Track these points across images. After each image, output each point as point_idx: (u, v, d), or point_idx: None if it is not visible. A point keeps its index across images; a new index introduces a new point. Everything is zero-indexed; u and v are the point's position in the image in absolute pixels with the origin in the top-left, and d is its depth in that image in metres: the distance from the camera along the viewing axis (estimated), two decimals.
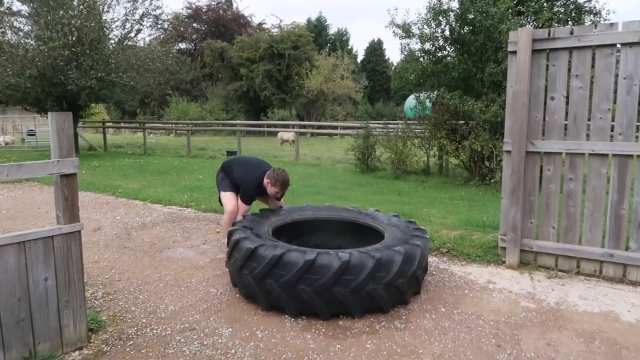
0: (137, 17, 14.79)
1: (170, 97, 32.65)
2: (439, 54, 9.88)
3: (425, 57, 9.98)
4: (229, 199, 4.73)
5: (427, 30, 9.64)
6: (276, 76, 33.33)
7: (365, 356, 2.82)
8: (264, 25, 41.59)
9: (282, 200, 4.81)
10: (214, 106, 35.40)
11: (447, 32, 9.54)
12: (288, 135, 20.63)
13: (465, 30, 8.90)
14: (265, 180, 4.47)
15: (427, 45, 9.84)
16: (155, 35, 18.68)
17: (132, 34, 15.16)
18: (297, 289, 3.21)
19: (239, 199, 4.66)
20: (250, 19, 42.47)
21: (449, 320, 3.29)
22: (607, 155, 3.98)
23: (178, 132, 28.38)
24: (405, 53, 10.35)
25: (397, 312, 3.39)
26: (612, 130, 3.99)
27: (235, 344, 2.98)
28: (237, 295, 3.72)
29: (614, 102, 3.96)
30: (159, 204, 7.31)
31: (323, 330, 3.16)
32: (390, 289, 3.30)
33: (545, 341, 2.98)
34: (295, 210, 4.64)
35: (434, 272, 4.23)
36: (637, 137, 3.90)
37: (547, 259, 4.28)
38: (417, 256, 3.46)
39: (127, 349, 2.94)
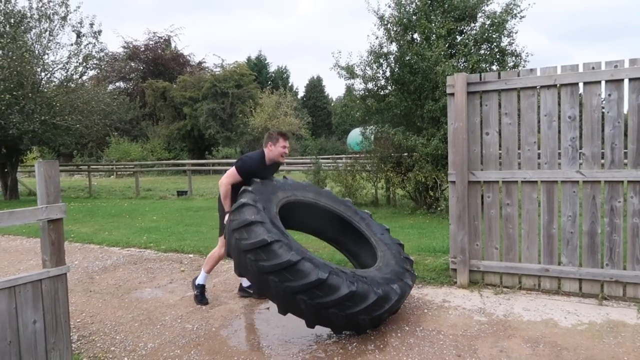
0: (80, 59, 14.69)
1: (109, 138, 31.96)
2: (381, 93, 10.57)
3: (369, 96, 10.63)
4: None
5: (369, 72, 10.34)
6: (220, 115, 33.53)
7: None
8: (204, 64, 41.86)
9: None
10: (155, 146, 34.94)
11: (387, 73, 10.26)
12: None
13: (404, 72, 9.63)
14: (267, 147, 4.28)
15: (370, 85, 10.53)
16: (91, 75, 18.37)
17: (76, 76, 15.00)
18: (298, 297, 3.30)
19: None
20: (189, 58, 42.65)
21: (413, 337, 3.63)
22: (536, 182, 4.56)
23: (119, 173, 27.77)
24: (353, 93, 10.97)
25: (366, 333, 3.70)
26: (539, 159, 4.59)
27: None
28: (213, 329, 3.90)
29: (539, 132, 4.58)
30: (117, 247, 7.30)
31: (300, 353, 3.41)
32: (375, 320, 3.61)
33: (498, 348, 3.38)
34: (299, 189, 4.42)
35: None
36: (559, 164, 4.50)
37: (493, 277, 4.76)
38: (406, 295, 3.85)
39: None
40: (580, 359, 3.17)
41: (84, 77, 16.07)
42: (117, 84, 39.61)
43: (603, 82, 4.28)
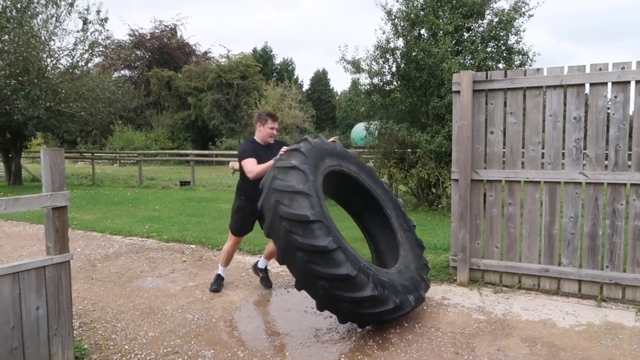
0: (86, 46, 14.68)
1: (114, 126, 32.01)
2: (387, 88, 10.54)
3: (374, 91, 10.61)
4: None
5: (375, 67, 10.31)
6: (225, 105, 33.48)
7: None
8: (209, 55, 41.77)
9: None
10: (159, 135, 34.96)
11: (393, 69, 10.23)
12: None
13: (410, 67, 9.60)
14: (257, 128, 4.37)
15: (376, 80, 10.50)
16: (96, 62, 18.37)
17: (82, 63, 14.99)
18: (319, 283, 3.26)
19: (246, 166, 4.20)
20: (195, 48, 42.55)
21: (411, 333, 3.65)
22: (539, 182, 4.56)
23: (122, 161, 27.84)
24: (359, 87, 10.95)
25: (365, 328, 3.72)
26: (542, 159, 4.60)
27: None
28: (214, 320, 3.93)
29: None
30: (119, 235, 7.33)
31: (300, 347, 3.44)
32: (382, 321, 3.62)
33: (496, 347, 3.40)
34: (345, 158, 4.22)
35: None
36: (562, 165, 4.50)
37: (492, 275, 4.77)
38: (417, 307, 3.86)
39: None
40: None
41: (90, 65, 16.06)
42: (123, 72, 39.60)
43: (609, 84, 4.27)
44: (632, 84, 4.20)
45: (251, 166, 4.14)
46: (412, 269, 3.99)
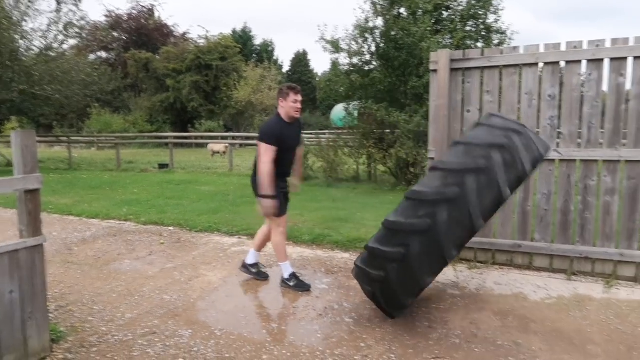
0: (60, 27, 14.28)
1: (90, 109, 31.37)
2: (366, 68, 10.53)
3: (353, 71, 10.59)
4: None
5: (354, 46, 10.27)
6: (204, 87, 33.07)
7: (318, 343, 3.17)
8: (188, 36, 41.03)
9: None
10: (137, 118, 34.40)
11: (373, 48, 10.21)
12: (219, 146, 20.62)
13: (389, 47, 9.59)
14: (279, 104, 4.01)
15: (355, 60, 10.47)
16: (71, 44, 17.86)
17: (56, 45, 14.60)
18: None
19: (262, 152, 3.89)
20: (173, 29, 41.72)
21: None
22: None
23: (100, 145, 27.37)
24: (338, 68, 10.92)
25: (341, 305, 3.77)
26: None
27: (197, 343, 3.21)
28: (192, 301, 3.94)
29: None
30: (96, 219, 7.25)
31: (277, 324, 3.48)
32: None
33: (469, 320, 3.48)
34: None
35: None
36: None
37: (467, 252, 4.85)
38: None
39: (92, 356, 3.08)
40: (546, 331, 3.29)
41: (64, 46, 15.65)
42: (99, 53, 38.70)
43: (584, 62, 4.32)
44: (606, 61, 4.25)
45: (267, 160, 3.84)
46: None
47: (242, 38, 47.15)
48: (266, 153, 3.87)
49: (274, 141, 3.87)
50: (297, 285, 4.14)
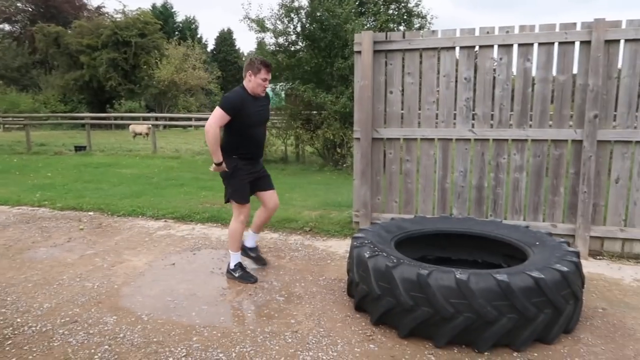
0: None
1: None
2: (292, 49, 10.48)
3: (280, 51, 10.51)
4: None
5: (280, 26, 10.17)
6: (122, 65, 31.40)
7: (249, 322, 3.20)
8: (103, 9, 38.65)
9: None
10: (49, 97, 32.08)
11: (298, 28, 10.17)
12: (141, 127, 19.77)
13: (315, 28, 9.60)
14: (247, 76, 3.73)
15: (281, 40, 10.39)
16: None
17: None
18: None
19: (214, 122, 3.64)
20: (86, 2, 39.13)
21: (316, 286, 3.81)
22: (434, 139, 4.86)
23: (7, 126, 25.26)
24: (265, 48, 10.77)
25: (271, 284, 3.82)
26: (437, 119, 4.88)
27: (123, 329, 3.12)
28: (115, 287, 3.81)
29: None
30: (5, 206, 6.75)
31: (206, 306, 3.46)
32: None
33: None
34: None
35: (300, 248, 4.75)
36: (454, 123, 4.82)
37: None
38: None
39: (7, 348, 2.91)
40: None
41: None
42: (1, 26, 35.44)
43: (496, 47, 4.59)
44: (515, 47, 4.54)
45: (213, 123, 3.61)
46: None
47: (163, 14, 45.13)
48: (214, 116, 3.64)
49: (230, 111, 3.63)
50: (242, 276, 3.93)
